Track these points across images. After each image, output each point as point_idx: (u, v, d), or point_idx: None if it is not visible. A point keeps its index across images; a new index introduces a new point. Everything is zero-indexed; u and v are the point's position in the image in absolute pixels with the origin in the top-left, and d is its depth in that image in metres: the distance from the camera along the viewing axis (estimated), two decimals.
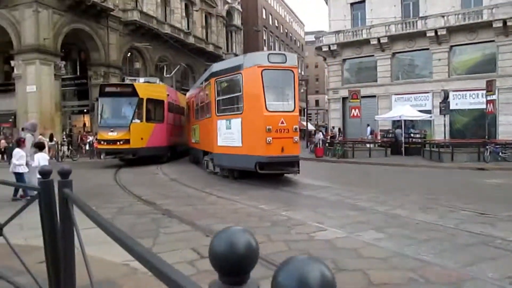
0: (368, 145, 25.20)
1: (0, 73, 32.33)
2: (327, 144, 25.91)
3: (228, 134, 12.56)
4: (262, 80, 11.36)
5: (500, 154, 19.44)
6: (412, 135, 25.47)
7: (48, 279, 2.93)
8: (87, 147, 25.61)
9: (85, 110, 31.75)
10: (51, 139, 24.23)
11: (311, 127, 57.95)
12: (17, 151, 9.29)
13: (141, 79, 21.69)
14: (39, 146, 9.40)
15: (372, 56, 31.50)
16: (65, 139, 25.53)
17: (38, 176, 2.92)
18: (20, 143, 9.66)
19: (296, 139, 11.55)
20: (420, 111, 26.35)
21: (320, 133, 28.52)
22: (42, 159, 8.89)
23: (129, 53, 34.50)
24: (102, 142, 18.88)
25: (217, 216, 7.52)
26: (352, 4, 33.22)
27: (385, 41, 30.12)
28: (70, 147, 24.83)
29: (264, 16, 62.54)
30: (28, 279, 3.53)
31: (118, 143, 18.23)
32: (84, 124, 32.26)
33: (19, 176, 8.89)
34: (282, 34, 71.72)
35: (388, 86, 30.75)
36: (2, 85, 31.77)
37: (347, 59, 33.38)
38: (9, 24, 25.54)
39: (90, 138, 25.54)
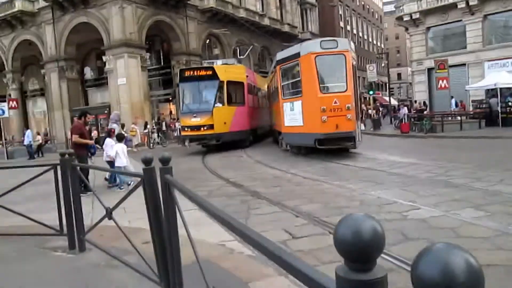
0: (458, 118, 23.52)
1: (94, 69, 35.09)
2: (413, 119, 24.65)
3: (292, 115, 14.11)
4: (316, 65, 12.75)
5: None
6: (510, 104, 23.32)
7: (156, 259, 3.16)
8: (175, 134, 26.94)
9: (170, 98, 33.37)
10: (145, 127, 25.92)
11: (394, 102, 55.47)
12: (108, 141, 9.99)
13: (219, 61, 21.32)
14: (119, 138, 9.85)
15: (460, 21, 29.07)
16: (154, 127, 27.12)
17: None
18: (110, 133, 10.51)
19: (349, 117, 12.54)
20: None
21: (405, 107, 27.17)
22: (120, 150, 9.22)
23: (208, 40, 35.45)
24: (186, 129, 18.61)
25: (305, 196, 7.54)
26: None
27: (475, 3, 27.54)
28: (159, 134, 26.29)
29: None
30: (135, 258, 3.85)
31: (202, 128, 17.78)
32: (170, 112, 33.93)
33: (111, 165, 9.45)
34: (358, 7, 68.97)
35: (479, 52, 28.23)
36: (97, 80, 34.54)
37: (431, 27, 31.18)
38: (98, 22, 27.49)
39: (177, 125, 26.68)
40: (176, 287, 2.85)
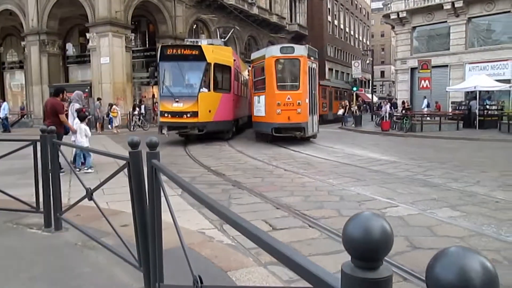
0: (437, 118, 23.96)
1: (76, 46, 34.26)
2: (395, 118, 24.98)
3: (258, 107, 16.83)
4: (275, 67, 15.52)
5: None
6: (488, 107, 23.86)
7: (136, 242, 3.12)
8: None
9: (147, 78, 32.91)
10: (134, 108, 25.56)
11: (375, 99, 56.03)
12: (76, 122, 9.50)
13: (204, 41, 19.38)
14: (81, 117, 9.43)
15: (445, 22, 29.52)
16: (137, 109, 26.73)
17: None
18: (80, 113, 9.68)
19: (299, 111, 15.15)
20: (498, 80, 24.48)
21: (388, 105, 27.44)
22: (82, 129, 9.12)
23: (195, 25, 34.98)
24: (165, 115, 15.93)
25: (285, 189, 7.57)
26: None
27: (460, 5, 27.98)
28: (140, 117, 25.94)
29: None
30: (113, 241, 3.80)
31: (184, 116, 15.62)
32: (153, 95, 33.51)
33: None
34: (346, 2, 69.07)
35: (461, 54, 28.75)
36: (78, 57, 33.73)
37: (417, 27, 31.61)
38: None
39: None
40: (157, 272, 2.83)
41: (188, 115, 15.66)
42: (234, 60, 19.05)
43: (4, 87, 38.09)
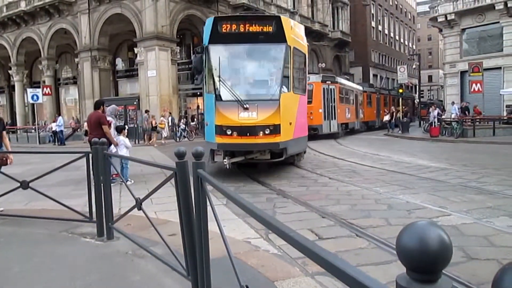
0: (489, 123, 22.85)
1: (125, 60, 35.68)
2: (443, 123, 24.06)
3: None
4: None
5: None
6: None
7: (184, 251, 3.16)
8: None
9: (198, 93, 33.60)
10: (180, 120, 26.34)
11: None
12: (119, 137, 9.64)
13: None
14: (118, 130, 9.63)
15: (497, 23, 28.23)
16: (182, 120, 27.36)
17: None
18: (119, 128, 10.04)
19: (311, 117, 20.14)
20: None
21: (436, 110, 26.48)
22: (122, 142, 9.22)
23: None
24: (226, 132, 9.42)
25: (331, 198, 7.45)
26: None
27: None
28: (186, 128, 26.50)
29: None
30: (162, 250, 3.87)
31: (260, 133, 9.37)
32: (198, 106, 34.20)
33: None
34: (391, 6, 67.73)
35: None
36: (127, 71, 35.12)
37: (467, 29, 30.40)
38: (132, 14, 27.88)
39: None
40: (204, 281, 2.85)
41: (267, 132, 9.35)
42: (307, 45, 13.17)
43: (60, 102, 40.13)
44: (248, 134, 9.35)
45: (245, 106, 9.30)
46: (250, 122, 9.32)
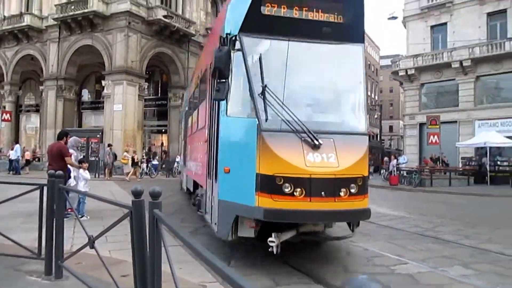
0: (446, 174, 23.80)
1: (91, 92, 35.30)
2: (401, 172, 24.83)
3: None
4: None
5: None
6: (499, 163, 23.76)
7: None
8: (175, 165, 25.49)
9: (163, 130, 33.44)
10: (149, 157, 25.86)
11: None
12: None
13: None
14: (78, 162, 9.41)
15: (453, 80, 29.97)
16: (144, 157, 26.93)
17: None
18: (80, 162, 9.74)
19: None
20: (508, 137, 24.43)
21: (395, 160, 27.31)
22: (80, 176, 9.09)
23: None
24: (284, 189, 5.21)
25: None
26: (432, 26, 32.01)
27: (468, 64, 28.52)
28: (148, 165, 26.01)
29: None
30: None
31: (342, 191, 5.39)
32: (162, 144, 33.94)
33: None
34: None
35: (470, 111, 28.93)
36: (93, 103, 34.67)
37: (426, 84, 32.10)
38: (103, 46, 27.80)
39: (178, 159, 23.48)
40: None
41: (352, 190, 5.52)
42: None
43: (19, 129, 38.81)
44: (323, 193, 5.30)
45: (316, 142, 5.42)
46: (327, 171, 5.38)
